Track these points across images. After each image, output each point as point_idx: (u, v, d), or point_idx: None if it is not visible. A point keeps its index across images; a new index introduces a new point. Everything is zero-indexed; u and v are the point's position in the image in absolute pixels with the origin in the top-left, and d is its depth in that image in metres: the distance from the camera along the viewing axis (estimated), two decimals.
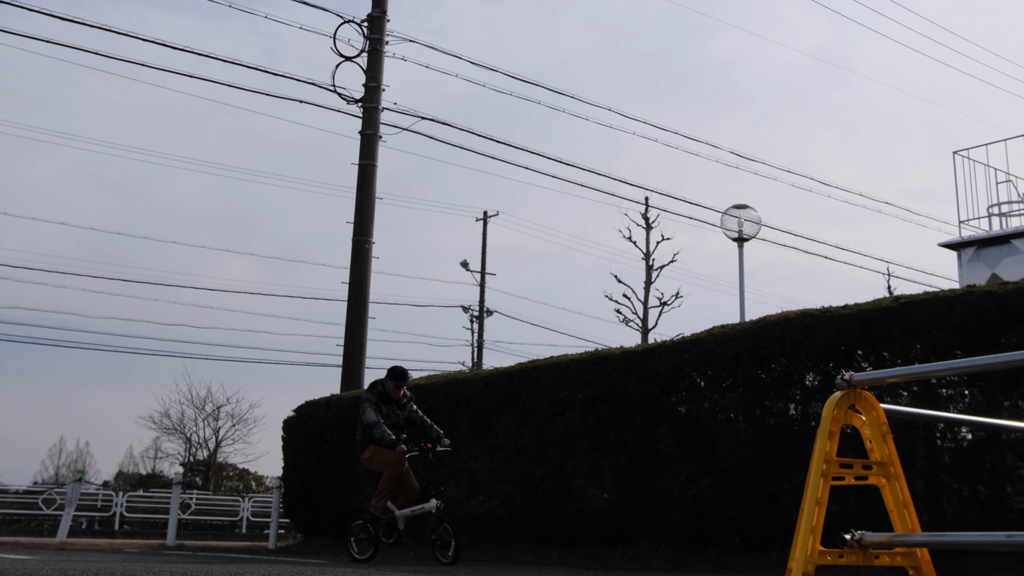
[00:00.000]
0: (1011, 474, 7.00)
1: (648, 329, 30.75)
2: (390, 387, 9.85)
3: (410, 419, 9.98)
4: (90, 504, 28.74)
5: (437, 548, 9.14)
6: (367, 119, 18.30)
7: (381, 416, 9.63)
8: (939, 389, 7.36)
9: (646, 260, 31.33)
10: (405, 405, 9.97)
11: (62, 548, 13.34)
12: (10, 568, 6.53)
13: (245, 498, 31.32)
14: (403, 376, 9.94)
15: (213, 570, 7.01)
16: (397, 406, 9.88)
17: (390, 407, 9.80)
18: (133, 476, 48.08)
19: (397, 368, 9.97)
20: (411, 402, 10.10)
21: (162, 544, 15.81)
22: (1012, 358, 4.17)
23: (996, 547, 3.06)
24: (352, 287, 17.80)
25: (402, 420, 9.88)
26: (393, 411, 9.81)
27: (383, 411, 9.70)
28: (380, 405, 9.73)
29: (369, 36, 18.55)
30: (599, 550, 9.71)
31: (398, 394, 9.88)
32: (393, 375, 9.89)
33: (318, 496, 13.71)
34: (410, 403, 10.07)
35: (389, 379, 9.88)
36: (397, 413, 9.84)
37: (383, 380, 9.94)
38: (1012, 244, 13.66)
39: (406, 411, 9.95)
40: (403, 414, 9.90)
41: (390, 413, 9.77)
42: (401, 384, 9.88)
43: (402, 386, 9.90)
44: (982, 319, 7.13)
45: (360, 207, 18.06)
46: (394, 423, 9.75)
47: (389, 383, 9.86)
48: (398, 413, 9.85)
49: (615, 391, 9.83)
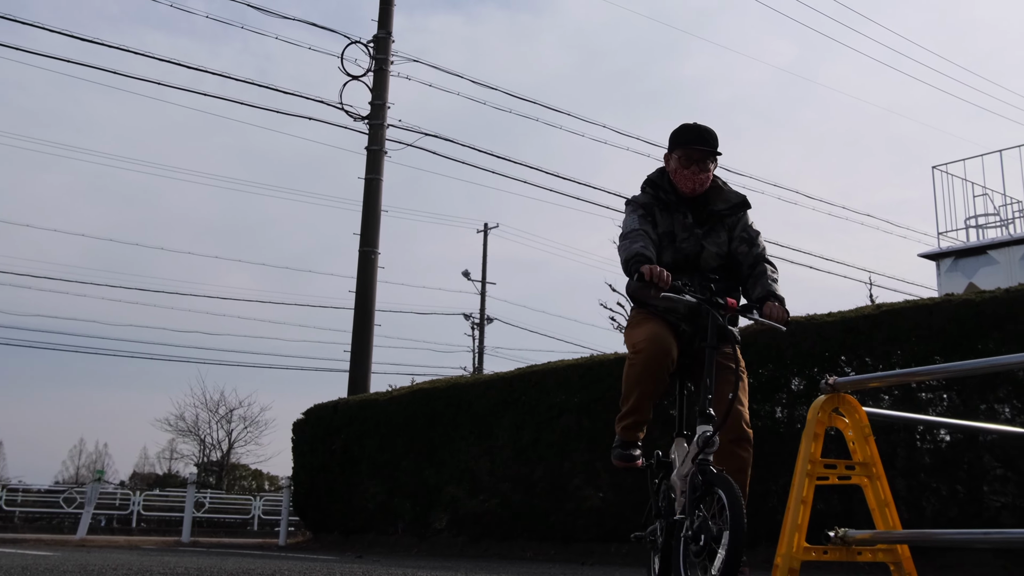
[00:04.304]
0: (987, 474, 7.00)
1: None
2: (675, 167, 4.15)
3: (732, 254, 4.19)
4: (109, 503, 28.65)
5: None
6: (373, 135, 18.30)
7: (648, 226, 4.10)
8: (919, 393, 7.36)
9: None
10: (719, 218, 4.18)
11: (82, 545, 13.33)
12: (33, 564, 6.53)
13: (257, 497, 31.25)
14: (700, 136, 4.10)
15: (226, 565, 7.01)
16: (692, 215, 4.14)
17: (676, 216, 4.13)
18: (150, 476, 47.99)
19: (689, 126, 4.17)
20: (733, 211, 4.20)
21: (177, 541, 15.79)
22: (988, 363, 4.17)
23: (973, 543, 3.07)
24: (359, 295, 17.80)
25: (706, 252, 4.11)
26: (682, 224, 4.12)
27: (658, 222, 4.14)
28: (654, 211, 4.15)
29: (375, 56, 18.57)
30: (595, 546, 9.70)
31: (697, 181, 4.12)
32: (684, 136, 4.14)
33: (326, 495, 13.69)
34: (731, 213, 4.20)
35: (677, 145, 4.15)
36: (692, 230, 4.12)
37: (665, 158, 4.25)
38: (988, 255, 13.68)
39: (720, 234, 4.16)
40: (714, 241, 4.14)
41: (674, 229, 4.12)
42: (700, 154, 4.08)
43: (705, 160, 4.09)
44: (960, 326, 7.14)
45: (366, 219, 18.07)
46: (684, 254, 4.11)
47: (675, 157, 4.15)
48: (694, 231, 4.12)
49: (610, 395, 9.83)
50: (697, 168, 4.11)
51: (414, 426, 12.29)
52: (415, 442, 12.21)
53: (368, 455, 12.96)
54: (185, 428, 42.18)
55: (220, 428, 42.25)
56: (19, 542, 13.55)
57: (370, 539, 12.74)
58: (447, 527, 11.63)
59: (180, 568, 6.44)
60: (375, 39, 18.72)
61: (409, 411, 12.50)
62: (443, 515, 11.68)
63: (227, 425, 42.10)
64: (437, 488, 11.73)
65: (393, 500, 12.46)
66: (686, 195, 4.18)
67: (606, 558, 9.29)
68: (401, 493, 12.33)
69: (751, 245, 4.20)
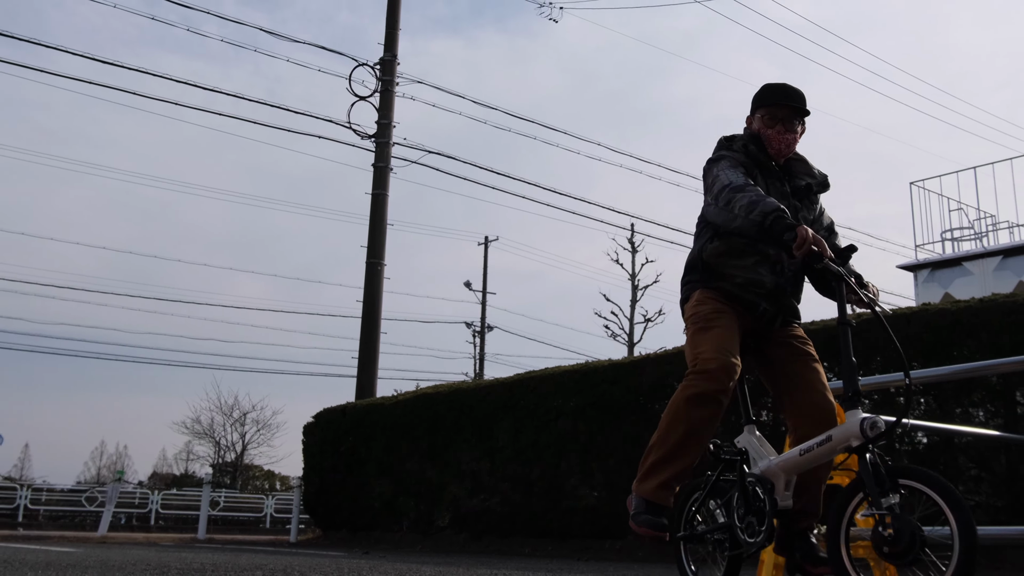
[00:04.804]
0: (963, 475, 7.00)
1: (634, 343, 30.74)
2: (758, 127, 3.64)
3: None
4: (128, 502, 28.60)
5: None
6: (379, 153, 18.31)
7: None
8: (897, 397, 7.36)
9: (632, 281, 31.35)
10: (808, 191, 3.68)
11: (103, 541, 13.29)
12: (56, 559, 6.51)
13: (269, 496, 31.21)
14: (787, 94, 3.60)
15: (240, 561, 6.99)
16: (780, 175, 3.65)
17: (771, 181, 3.61)
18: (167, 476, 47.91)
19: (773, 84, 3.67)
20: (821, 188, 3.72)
21: (194, 538, 15.76)
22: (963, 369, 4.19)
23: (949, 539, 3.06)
24: (366, 304, 17.78)
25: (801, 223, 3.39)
26: (779, 192, 3.60)
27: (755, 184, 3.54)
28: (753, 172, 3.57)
29: (381, 78, 18.59)
30: (590, 543, 9.68)
31: (783, 141, 3.61)
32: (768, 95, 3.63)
33: (335, 495, 13.66)
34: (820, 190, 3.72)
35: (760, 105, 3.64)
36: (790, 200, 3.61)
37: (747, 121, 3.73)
38: (963, 266, 13.70)
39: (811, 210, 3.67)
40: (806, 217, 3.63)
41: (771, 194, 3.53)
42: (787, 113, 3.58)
43: (791, 119, 3.59)
44: (936, 334, 7.14)
45: (373, 232, 18.06)
46: None
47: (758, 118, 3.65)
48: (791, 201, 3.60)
49: (604, 399, 9.83)
50: (783, 127, 3.56)
51: (418, 429, 12.28)
52: (419, 444, 12.19)
53: (375, 456, 12.94)
54: (201, 431, 42.18)
55: (234, 431, 42.23)
56: (43, 539, 13.52)
57: (376, 536, 12.71)
58: (449, 525, 11.61)
59: (196, 563, 6.43)
60: (381, 62, 18.74)
61: (413, 415, 12.49)
62: (446, 513, 11.66)
63: (241, 428, 42.07)
64: (440, 487, 11.71)
65: (398, 499, 12.44)
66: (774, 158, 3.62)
67: (600, 554, 9.27)
68: (406, 492, 12.31)
69: (830, 232, 3.68)
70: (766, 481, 3.30)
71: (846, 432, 3.00)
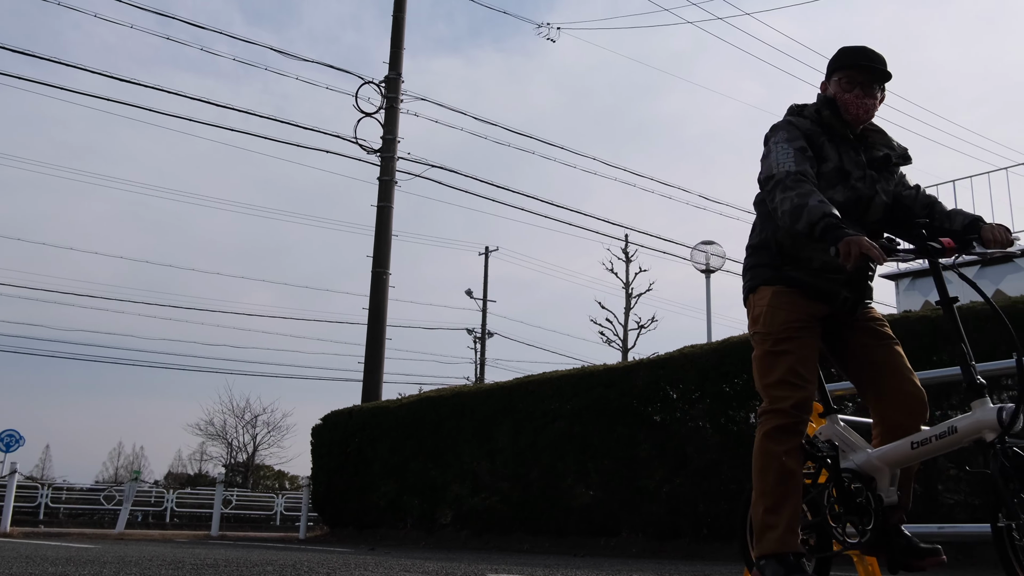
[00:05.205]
0: (942, 474, 7.00)
1: (628, 349, 30.71)
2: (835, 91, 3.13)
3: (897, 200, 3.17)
4: (144, 500, 28.57)
5: None
6: (384, 167, 18.32)
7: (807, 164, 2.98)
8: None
9: (626, 289, 31.31)
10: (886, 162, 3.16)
11: (120, 538, 13.27)
12: (76, 555, 6.50)
13: (279, 495, 31.16)
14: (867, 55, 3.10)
15: (252, 557, 6.98)
16: (856, 144, 3.14)
17: (847, 151, 3.10)
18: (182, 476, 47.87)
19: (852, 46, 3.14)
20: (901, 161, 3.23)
21: (207, 535, 15.73)
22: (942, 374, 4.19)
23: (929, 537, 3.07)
24: (372, 312, 17.77)
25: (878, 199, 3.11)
26: (855, 161, 3.09)
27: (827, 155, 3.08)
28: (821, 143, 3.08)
29: (386, 95, 18.61)
30: (586, 540, 9.67)
31: (862, 107, 3.09)
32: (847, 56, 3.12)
33: (342, 494, 13.64)
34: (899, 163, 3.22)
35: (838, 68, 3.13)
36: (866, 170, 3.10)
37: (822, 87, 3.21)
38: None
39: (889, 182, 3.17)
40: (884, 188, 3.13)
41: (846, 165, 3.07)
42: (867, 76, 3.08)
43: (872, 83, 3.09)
44: (917, 340, 7.14)
45: (378, 243, 18.06)
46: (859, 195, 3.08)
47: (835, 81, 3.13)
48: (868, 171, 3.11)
49: (599, 403, 9.82)
50: (861, 92, 3.07)
51: (422, 431, 12.27)
52: (422, 445, 12.18)
53: (380, 457, 12.93)
54: (214, 432, 42.22)
55: (246, 432, 42.29)
56: (63, 536, 13.49)
57: (382, 533, 12.69)
58: (452, 522, 11.59)
59: (210, 559, 6.42)
60: (386, 79, 18.76)
61: (417, 417, 12.48)
62: (448, 511, 11.64)
63: (252, 430, 42.13)
64: (443, 487, 11.70)
65: (402, 498, 12.42)
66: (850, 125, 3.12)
67: (595, 550, 9.26)
68: (410, 491, 12.30)
69: (917, 190, 3.21)
70: (866, 476, 2.95)
71: (977, 423, 2.60)
